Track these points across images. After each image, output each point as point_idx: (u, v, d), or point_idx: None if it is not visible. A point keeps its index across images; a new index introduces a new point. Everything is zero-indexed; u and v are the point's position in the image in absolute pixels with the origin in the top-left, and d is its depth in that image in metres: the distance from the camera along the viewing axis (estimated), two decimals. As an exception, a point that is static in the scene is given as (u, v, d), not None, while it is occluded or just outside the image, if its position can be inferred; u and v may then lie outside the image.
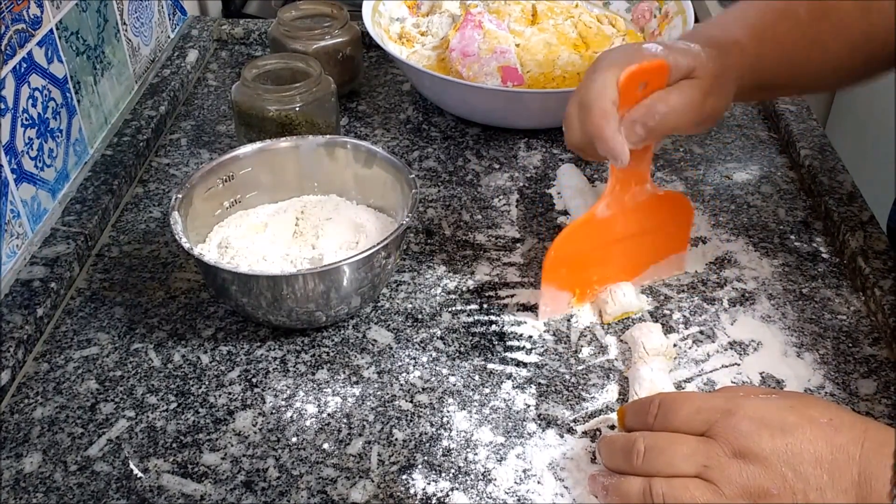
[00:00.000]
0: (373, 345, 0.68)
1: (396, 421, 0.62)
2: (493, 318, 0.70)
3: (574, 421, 0.62)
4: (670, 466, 0.50)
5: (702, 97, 0.61)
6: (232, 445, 0.60)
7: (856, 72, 0.69)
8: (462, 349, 0.68)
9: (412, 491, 0.57)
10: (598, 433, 0.61)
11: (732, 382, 0.65)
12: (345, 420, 0.62)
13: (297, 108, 0.81)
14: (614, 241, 0.69)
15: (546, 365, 0.66)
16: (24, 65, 0.74)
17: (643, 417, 0.54)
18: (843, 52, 0.66)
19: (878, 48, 0.66)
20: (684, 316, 0.71)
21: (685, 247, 0.74)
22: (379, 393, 0.64)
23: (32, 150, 0.76)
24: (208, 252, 0.70)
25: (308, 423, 0.62)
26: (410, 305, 0.72)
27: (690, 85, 0.60)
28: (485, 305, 0.72)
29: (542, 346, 0.68)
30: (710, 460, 0.50)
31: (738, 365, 0.66)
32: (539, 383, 0.65)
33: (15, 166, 0.73)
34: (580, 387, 0.65)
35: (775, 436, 0.49)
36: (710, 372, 0.66)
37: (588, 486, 0.56)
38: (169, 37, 1.09)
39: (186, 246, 0.64)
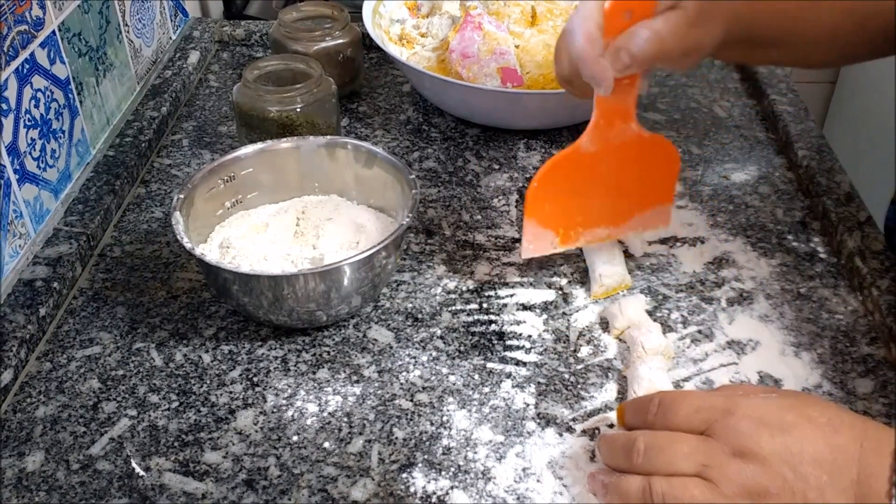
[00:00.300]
0: (373, 344, 0.69)
1: (397, 420, 0.62)
2: (492, 317, 0.71)
3: (573, 420, 0.62)
4: (670, 465, 0.50)
5: (686, 26, 0.60)
6: (233, 444, 0.61)
7: (851, 44, 0.68)
8: (462, 348, 0.68)
9: (412, 489, 0.58)
10: (597, 432, 0.61)
11: (731, 382, 0.65)
12: (345, 419, 0.62)
13: (298, 109, 0.82)
14: (599, 181, 0.68)
15: (545, 364, 0.67)
16: (27, 66, 0.75)
17: (643, 416, 0.55)
18: (838, 17, 0.65)
19: (872, 23, 0.65)
20: (682, 315, 0.71)
21: (671, 198, 0.73)
22: (379, 392, 0.64)
23: (35, 150, 0.76)
24: (210, 252, 0.71)
25: (309, 421, 0.62)
26: (410, 305, 0.72)
27: (675, 14, 0.60)
28: (484, 305, 0.72)
29: (542, 346, 0.68)
30: (709, 459, 0.50)
31: (736, 364, 0.66)
32: (538, 382, 0.65)
33: (17, 167, 0.73)
34: (579, 386, 0.65)
35: (775, 435, 0.49)
36: (709, 371, 0.66)
37: (587, 485, 0.56)
38: (171, 38, 1.09)
39: (188, 246, 0.65)
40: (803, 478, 0.48)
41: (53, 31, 0.79)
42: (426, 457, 0.60)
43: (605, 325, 0.70)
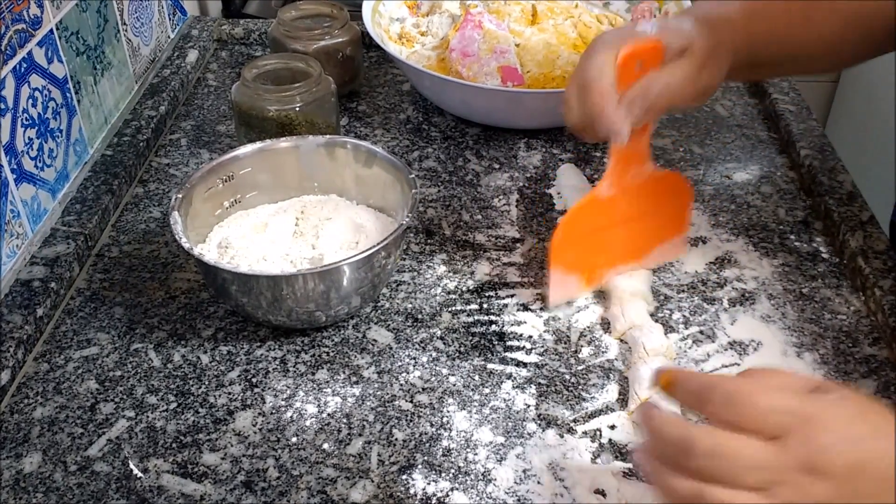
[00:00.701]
0: (373, 345, 0.68)
1: (396, 421, 0.62)
2: (493, 318, 0.70)
3: (574, 421, 0.62)
4: (732, 477, 0.44)
5: (696, 73, 0.62)
6: (232, 445, 0.60)
7: (850, 51, 0.70)
8: (462, 349, 0.68)
9: (412, 491, 0.57)
10: (597, 433, 0.61)
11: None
12: (345, 420, 0.62)
13: (297, 108, 0.81)
14: (618, 223, 0.70)
15: (546, 365, 0.66)
16: (24, 65, 0.74)
17: (701, 403, 0.47)
18: (835, 31, 0.67)
19: (872, 27, 0.66)
20: (684, 316, 0.71)
21: (686, 228, 0.75)
22: (379, 393, 0.64)
23: (32, 150, 0.76)
24: (208, 252, 0.70)
25: (308, 423, 0.62)
26: (410, 305, 0.72)
27: (685, 62, 0.62)
28: (485, 305, 0.72)
29: (542, 346, 0.68)
30: (780, 475, 0.44)
31: (738, 365, 0.66)
32: (539, 383, 0.65)
33: (15, 166, 0.73)
34: (580, 387, 0.65)
35: (850, 451, 0.44)
36: (710, 372, 0.66)
37: (634, 458, 0.52)
38: (169, 37, 1.09)
39: (186, 246, 0.64)
40: (874, 496, 0.43)
41: (51, 30, 0.79)
42: (426, 458, 0.59)
43: (605, 325, 0.70)
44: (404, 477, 0.58)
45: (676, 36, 0.62)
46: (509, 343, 0.68)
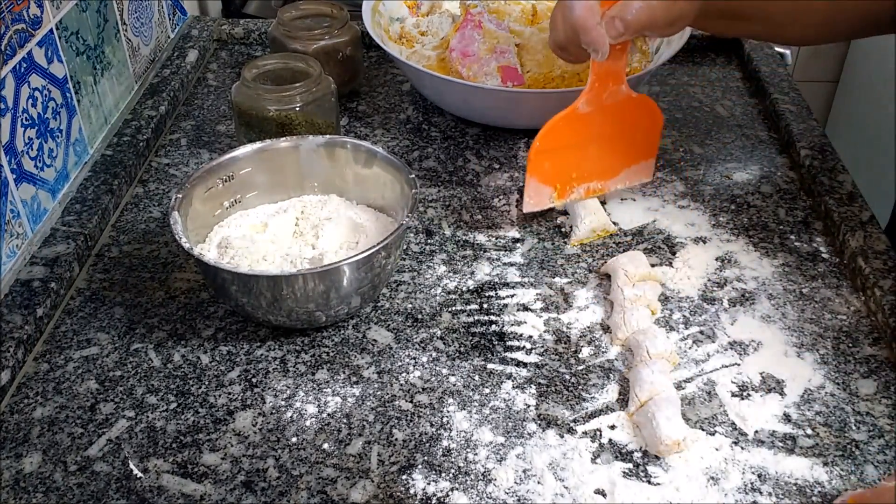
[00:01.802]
0: (373, 345, 0.68)
1: (396, 421, 0.62)
2: (493, 318, 0.70)
3: (574, 421, 0.62)
4: None
5: None
6: (232, 445, 0.60)
7: (814, 23, 0.74)
8: (462, 349, 0.68)
9: (412, 491, 0.57)
10: (598, 433, 0.61)
11: (732, 382, 0.65)
12: (345, 420, 0.62)
13: (297, 108, 0.81)
14: (592, 139, 0.76)
15: (546, 365, 0.66)
16: (24, 65, 0.74)
17: None
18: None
19: (844, 6, 0.72)
20: (684, 316, 0.71)
21: (654, 153, 0.81)
22: (379, 393, 0.64)
23: (32, 150, 0.76)
24: (208, 252, 0.70)
25: (308, 423, 0.62)
26: (410, 305, 0.72)
27: None
28: (485, 305, 0.72)
29: (542, 346, 0.68)
30: None
31: (739, 365, 0.66)
32: (539, 383, 0.65)
33: (15, 166, 0.73)
34: (580, 387, 0.65)
35: None
36: (711, 372, 0.66)
37: None
38: (169, 37, 1.09)
39: (186, 246, 0.64)
40: None
41: (51, 30, 0.79)
42: (426, 458, 0.59)
43: (606, 326, 0.70)
44: (404, 477, 0.58)
45: None
46: (509, 343, 0.68)
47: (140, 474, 0.58)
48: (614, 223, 0.80)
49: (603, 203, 0.82)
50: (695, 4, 0.70)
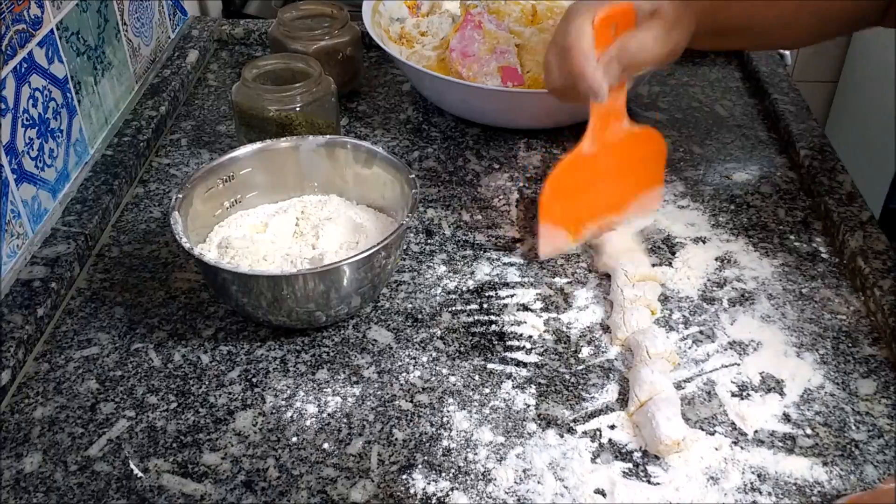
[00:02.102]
0: (373, 345, 0.68)
1: (396, 421, 0.62)
2: (493, 318, 0.70)
3: (574, 421, 0.62)
4: None
5: (666, 33, 0.68)
6: (232, 445, 0.60)
7: (805, 30, 0.75)
8: (462, 349, 0.68)
9: (412, 491, 0.57)
10: (598, 433, 0.61)
11: (732, 382, 0.65)
12: (345, 420, 0.62)
13: (298, 109, 0.81)
14: (599, 178, 0.75)
15: (546, 365, 0.66)
16: (25, 65, 0.74)
17: None
18: (791, 9, 0.73)
19: (830, 10, 0.73)
20: (684, 316, 0.71)
21: (661, 181, 0.81)
22: (379, 393, 0.64)
23: (33, 150, 0.76)
24: (208, 252, 0.70)
25: (308, 422, 0.62)
26: (410, 305, 0.72)
27: (655, 23, 0.68)
28: (485, 305, 0.72)
29: (542, 346, 0.68)
30: None
31: (738, 365, 0.66)
32: (539, 383, 0.65)
33: (15, 166, 0.73)
34: (580, 387, 0.65)
35: None
36: (710, 372, 0.66)
37: None
38: (169, 37, 1.09)
39: (187, 246, 0.64)
40: None
41: (52, 30, 0.79)
42: (426, 458, 0.59)
43: (606, 326, 0.70)
44: (404, 477, 0.58)
45: (647, 0, 0.68)
46: (509, 343, 0.68)
47: (140, 474, 0.59)
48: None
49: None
50: (688, 31, 0.70)
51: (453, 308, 0.71)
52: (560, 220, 0.75)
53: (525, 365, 0.66)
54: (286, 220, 0.74)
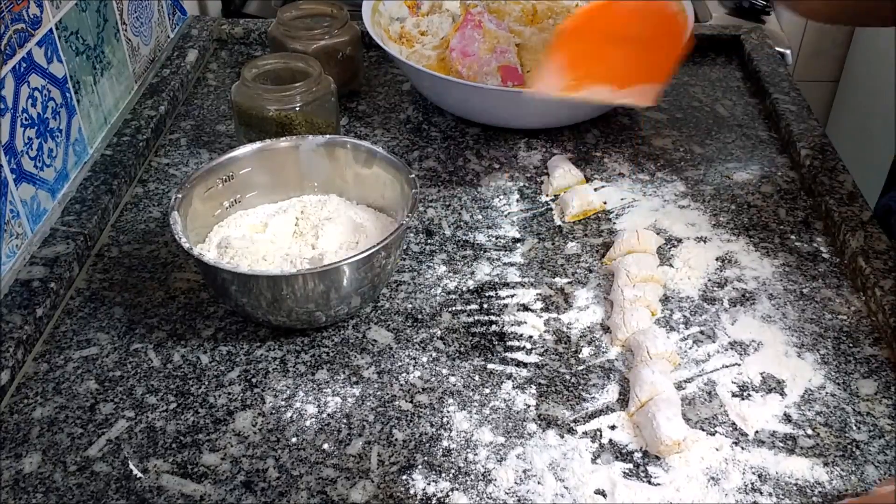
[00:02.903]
0: (373, 345, 0.68)
1: (396, 421, 0.62)
2: (493, 318, 0.70)
3: (574, 421, 0.62)
4: None
5: None
6: (231, 446, 0.60)
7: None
8: (462, 349, 0.67)
9: (412, 491, 0.57)
10: (598, 433, 0.61)
11: (733, 383, 0.65)
12: (345, 420, 0.62)
13: (297, 108, 0.81)
14: (614, 42, 0.75)
15: (546, 365, 0.66)
16: (24, 64, 0.74)
17: None
18: None
19: None
20: (684, 316, 0.71)
21: (664, 78, 0.80)
22: (379, 393, 0.64)
23: (32, 149, 0.76)
24: (208, 252, 0.70)
25: (308, 423, 0.62)
26: (410, 305, 0.72)
27: None
28: (485, 305, 0.71)
29: (542, 347, 0.68)
30: None
31: (739, 365, 0.66)
32: (539, 383, 0.65)
33: (14, 166, 0.73)
34: (580, 387, 0.65)
35: None
36: (711, 372, 0.66)
37: None
38: (169, 36, 1.09)
39: (186, 246, 0.64)
40: None
41: (51, 30, 0.79)
42: (426, 458, 0.59)
43: (606, 326, 0.70)
44: (404, 477, 0.58)
45: None
46: (509, 343, 0.68)
47: (140, 474, 0.58)
48: (609, 212, 0.80)
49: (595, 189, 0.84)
50: None
51: (453, 308, 0.71)
52: (565, 62, 0.74)
53: (525, 365, 0.66)
54: (286, 220, 0.74)
